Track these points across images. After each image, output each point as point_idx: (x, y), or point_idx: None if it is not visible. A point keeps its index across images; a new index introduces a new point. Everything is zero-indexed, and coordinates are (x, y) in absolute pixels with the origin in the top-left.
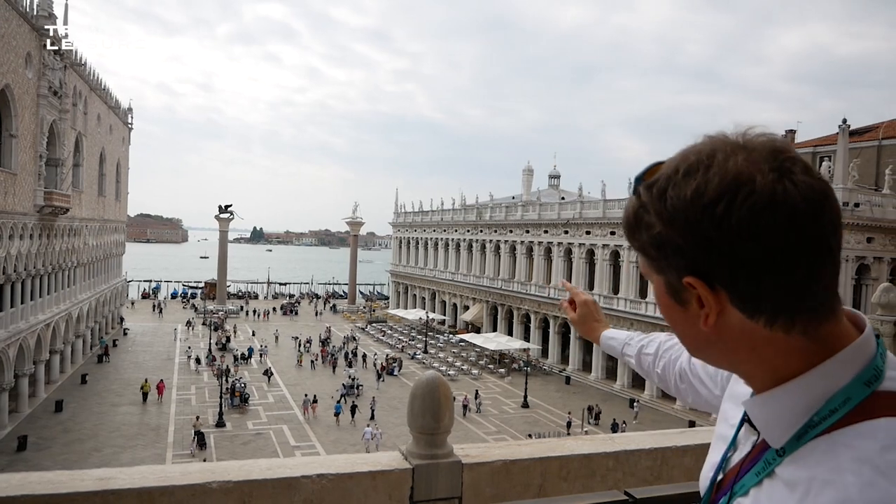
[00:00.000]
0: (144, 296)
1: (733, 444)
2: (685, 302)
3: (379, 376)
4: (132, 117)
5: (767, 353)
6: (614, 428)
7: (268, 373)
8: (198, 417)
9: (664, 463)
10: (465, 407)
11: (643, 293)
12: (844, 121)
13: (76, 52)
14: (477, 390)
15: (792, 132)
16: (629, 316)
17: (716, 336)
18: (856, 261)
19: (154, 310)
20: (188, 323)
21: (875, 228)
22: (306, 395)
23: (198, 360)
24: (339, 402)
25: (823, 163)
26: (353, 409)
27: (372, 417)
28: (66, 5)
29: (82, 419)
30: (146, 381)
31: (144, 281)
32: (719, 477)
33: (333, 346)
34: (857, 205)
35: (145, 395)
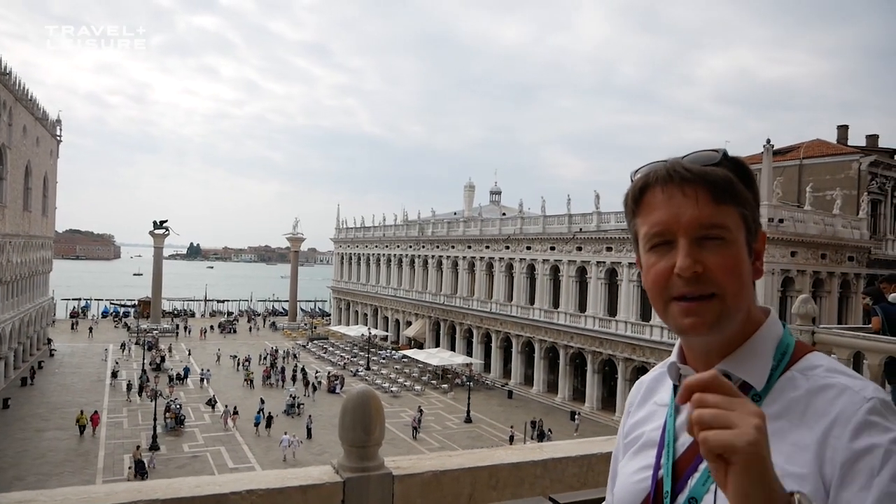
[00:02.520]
0: (73, 314)
1: (672, 436)
2: (751, 254)
3: (315, 389)
4: (61, 129)
5: (752, 288)
6: (541, 436)
7: (212, 402)
8: (138, 447)
9: (590, 469)
10: (414, 429)
11: (582, 307)
12: (768, 141)
13: (0, 61)
14: (420, 406)
15: None
16: (569, 329)
17: (751, 278)
18: (781, 274)
19: (73, 328)
20: (123, 346)
21: (798, 243)
22: (226, 406)
23: (128, 387)
24: (258, 412)
25: None
26: (270, 419)
27: (309, 437)
28: None
29: (4, 446)
30: (81, 412)
31: (73, 299)
32: (660, 473)
33: (279, 368)
34: (781, 220)
35: (82, 429)
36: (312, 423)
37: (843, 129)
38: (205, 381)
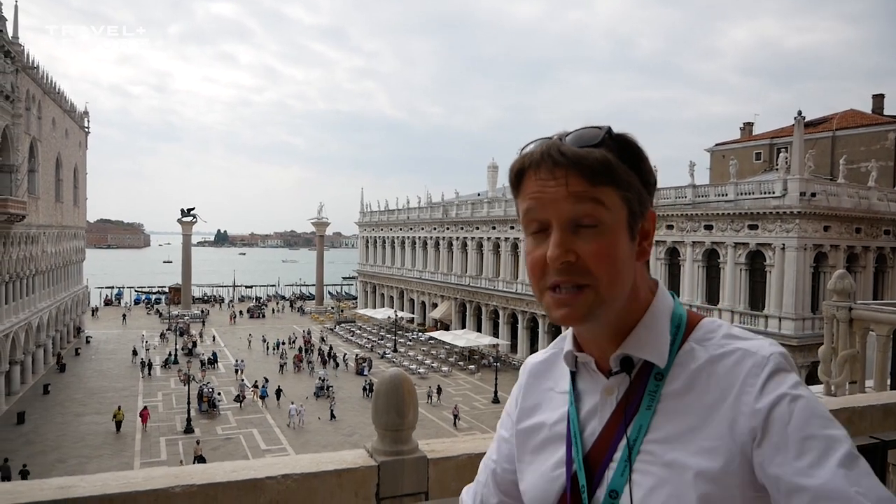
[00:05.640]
0: (107, 302)
1: (577, 428)
2: (635, 236)
3: (337, 366)
4: (88, 121)
5: (632, 272)
6: None
7: (240, 398)
8: (198, 442)
9: None
10: (455, 416)
11: None
12: (800, 112)
13: (28, 55)
14: (439, 386)
15: (750, 124)
16: None
17: (633, 261)
18: (813, 249)
19: (93, 315)
20: (162, 335)
21: (831, 217)
22: (243, 380)
23: (143, 364)
24: (264, 386)
25: (781, 154)
26: (279, 392)
27: (332, 418)
28: (16, 7)
29: (45, 430)
30: (119, 408)
31: (107, 287)
32: (574, 468)
33: (309, 355)
34: (813, 194)
35: (119, 424)
36: (335, 404)
37: (878, 99)
38: (239, 371)
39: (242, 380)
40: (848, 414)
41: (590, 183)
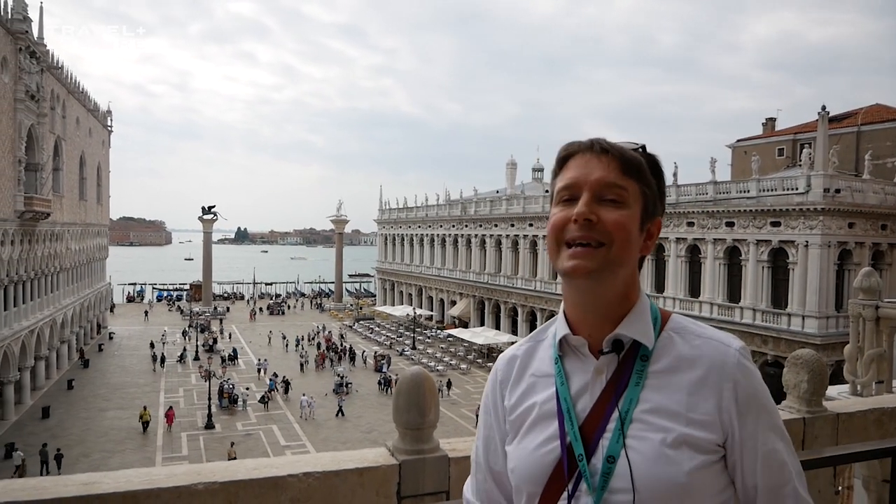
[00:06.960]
0: (129, 299)
1: (570, 404)
2: (643, 230)
3: (352, 359)
4: (111, 120)
5: (636, 255)
6: None
7: (265, 399)
8: (232, 444)
9: None
10: (477, 416)
11: None
12: (824, 107)
13: (52, 55)
14: (449, 380)
15: (772, 120)
16: None
17: (638, 248)
18: (838, 246)
19: (111, 312)
20: (184, 333)
21: (856, 214)
22: (275, 374)
23: (154, 358)
24: (270, 380)
25: (804, 150)
26: (287, 385)
27: (341, 414)
28: (41, 8)
29: (69, 425)
30: (145, 408)
31: (129, 284)
32: (569, 440)
33: (332, 353)
34: (837, 190)
35: (146, 425)
36: (345, 401)
37: None
38: (262, 370)
39: (272, 377)
40: (877, 415)
41: (623, 172)
